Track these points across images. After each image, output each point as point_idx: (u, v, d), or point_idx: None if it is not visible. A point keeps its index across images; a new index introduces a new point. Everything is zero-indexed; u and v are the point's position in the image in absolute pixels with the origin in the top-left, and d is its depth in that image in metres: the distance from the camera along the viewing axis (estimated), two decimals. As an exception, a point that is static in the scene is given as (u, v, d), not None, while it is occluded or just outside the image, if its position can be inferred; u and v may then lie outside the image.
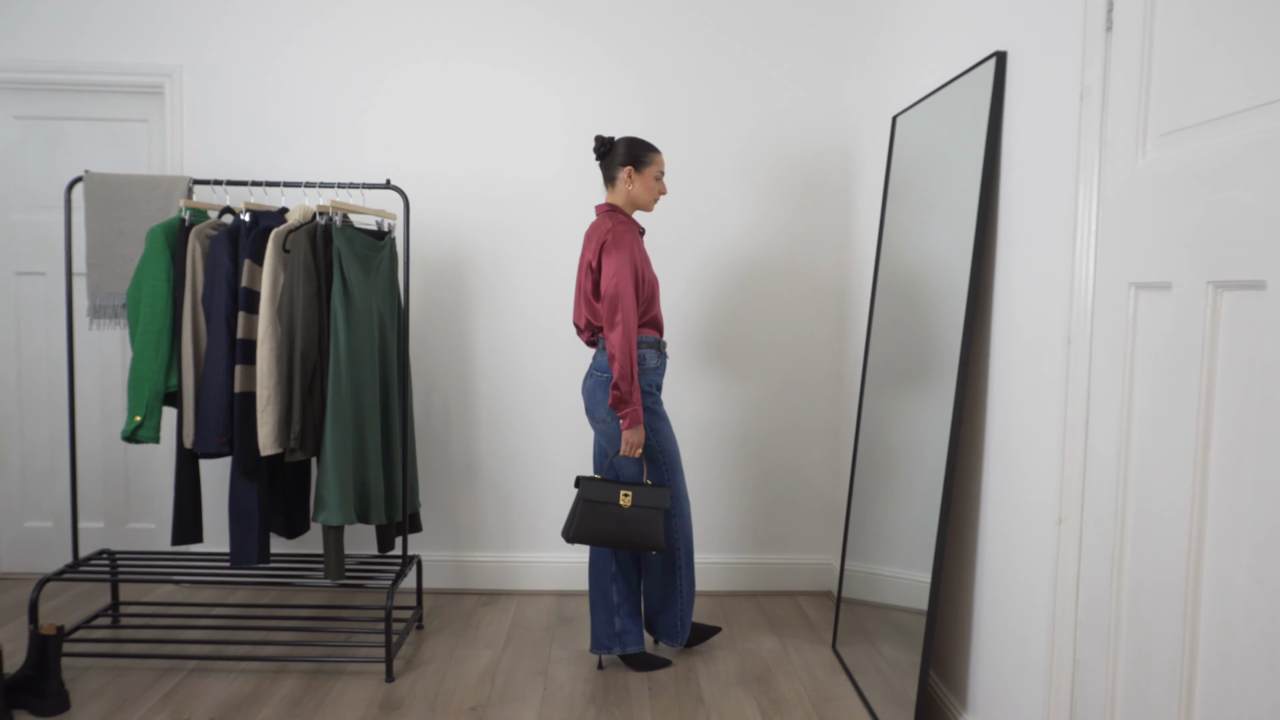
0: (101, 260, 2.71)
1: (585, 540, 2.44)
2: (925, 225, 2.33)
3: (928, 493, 2.10)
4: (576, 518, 2.44)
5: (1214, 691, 1.24)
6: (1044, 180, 1.76)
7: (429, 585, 3.28)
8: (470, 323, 3.27)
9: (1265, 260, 1.14)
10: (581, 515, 2.44)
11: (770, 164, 3.25)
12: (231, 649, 2.70)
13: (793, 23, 3.22)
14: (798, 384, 3.31)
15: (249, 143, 3.22)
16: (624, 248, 2.41)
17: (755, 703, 2.42)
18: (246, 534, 2.54)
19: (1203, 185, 1.28)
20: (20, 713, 2.27)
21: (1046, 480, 1.73)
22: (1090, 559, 1.57)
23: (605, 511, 2.43)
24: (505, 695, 2.46)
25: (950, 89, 2.21)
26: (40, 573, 3.33)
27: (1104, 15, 1.54)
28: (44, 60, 3.19)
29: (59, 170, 3.27)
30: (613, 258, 2.39)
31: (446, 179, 3.23)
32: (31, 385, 3.35)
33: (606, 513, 2.43)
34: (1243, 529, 1.18)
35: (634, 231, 2.47)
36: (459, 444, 3.29)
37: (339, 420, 2.48)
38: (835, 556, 3.26)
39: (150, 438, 2.56)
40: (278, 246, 2.48)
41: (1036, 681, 1.75)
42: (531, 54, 3.21)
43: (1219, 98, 1.26)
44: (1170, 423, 1.33)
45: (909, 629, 2.17)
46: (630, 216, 2.53)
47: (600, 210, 2.56)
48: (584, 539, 2.44)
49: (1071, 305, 1.63)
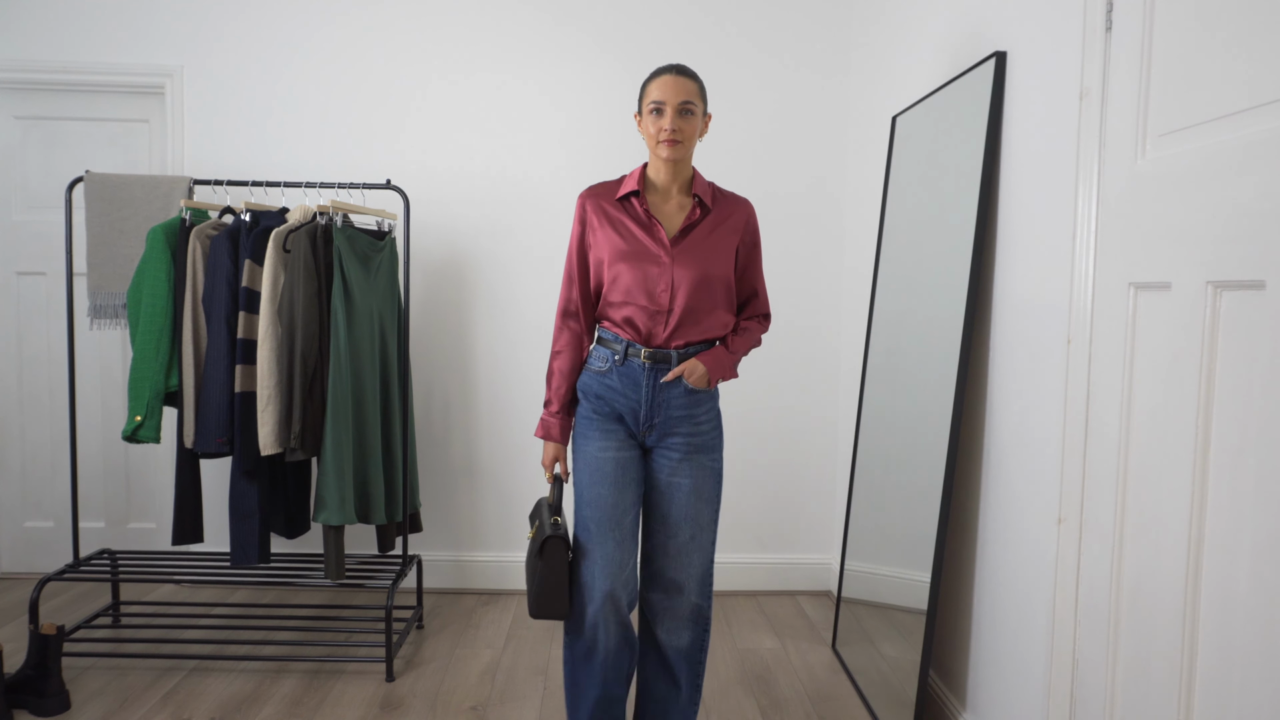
0: (102, 260, 2.72)
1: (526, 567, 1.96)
2: (925, 225, 2.33)
3: (928, 492, 2.10)
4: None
5: (1213, 691, 1.24)
6: (1044, 180, 1.76)
7: (429, 585, 3.28)
8: (470, 323, 3.28)
9: (1265, 260, 1.14)
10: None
11: (770, 163, 3.25)
12: (232, 649, 2.70)
13: (793, 22, 3.22)
14: (797, 383, 3.31)
15: (249, 143, 3.22)
16: (572, 222, 1.98)
17: (755, 702, 2.42)
18: (247, 534, 2.54)
19: (1202, 185, 1.28)
20: (20, 712, 2.27)
21: (1046, 480, 1.73)
22: (1090, 558, 1.57)
23: (530, 546, 1.92)
24: (505, 695, 2.46)
25: (950, 89, 2.21)
26: (41, 572, 3.33)
27: (1104, 15, 1.54)
28: (44, 60, 3.19)
29: (59, 170, 3.28)
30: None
31: (447, 179, 3.23)
32: (32, 385, 3.35)
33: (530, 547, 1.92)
34: (1242, 529, 1.18)
35: (586, 197, 1.92)
36: (459, 444, 3.30)
37: (339, 420, 2.48)
38: (835, 556, 3.26)
39: (151, 438, 2.56)
40: (278, 246, 2.48)
41: (1036, 681, 1.75)
42: (531, 54, 3.21)
43: (1218, 97, 1.26)
44: (1170, 423, 1.33)
45: (909, 629, 2.17)
46: (639, 175, 1.91)
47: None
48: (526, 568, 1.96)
49: (1071, 305, 1.63)
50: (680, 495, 1.88)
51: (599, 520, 1.84)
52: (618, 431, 1.88)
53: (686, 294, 1.84)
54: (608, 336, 1.91)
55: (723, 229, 1.90)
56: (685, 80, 1.84)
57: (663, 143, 1.82)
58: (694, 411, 1.88)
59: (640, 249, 1.85)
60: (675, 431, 1.88)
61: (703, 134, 1.89)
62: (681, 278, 1.83)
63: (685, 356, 1.87)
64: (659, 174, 1.89)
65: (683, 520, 1.89)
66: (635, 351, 1.86)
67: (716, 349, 1.90)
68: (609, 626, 1.87)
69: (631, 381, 1.86)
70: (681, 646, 1.96)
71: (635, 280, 1.83)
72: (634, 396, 1.86)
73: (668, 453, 1.89)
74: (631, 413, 1.88)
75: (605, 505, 1.85)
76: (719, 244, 1.89)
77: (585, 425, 1.91)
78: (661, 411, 1.87)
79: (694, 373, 1.85)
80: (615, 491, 1.85)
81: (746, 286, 1.99)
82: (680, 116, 1.82)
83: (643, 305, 1.84)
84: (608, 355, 1.89)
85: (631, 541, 1.88)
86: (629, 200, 1.89)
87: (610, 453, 1.87)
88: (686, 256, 1.85)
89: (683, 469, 1.88)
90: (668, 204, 1.90)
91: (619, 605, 1.86)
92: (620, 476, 1.86)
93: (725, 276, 1.89)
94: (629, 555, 1.87)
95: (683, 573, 1.91)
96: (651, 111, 1.83)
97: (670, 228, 1.88)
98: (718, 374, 1.89)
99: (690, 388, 1.87)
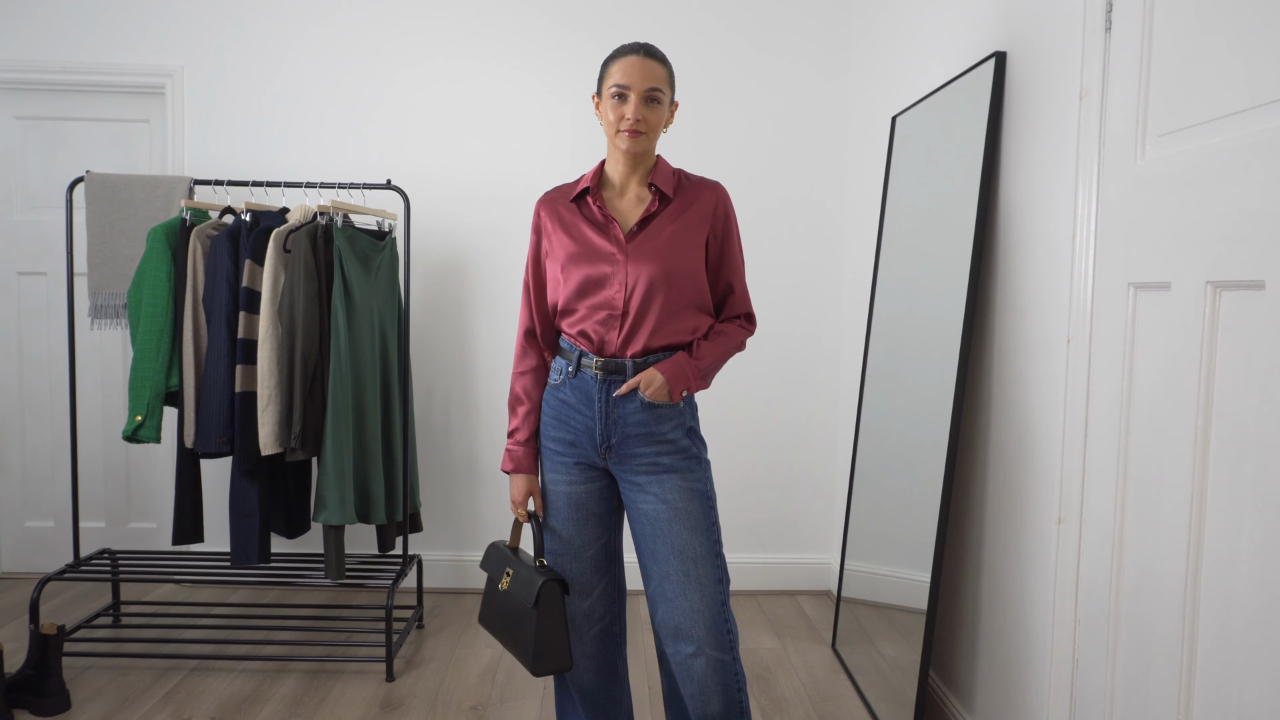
0: (102, 260, 2.72)
1: (485, 626, 1.79)
2: (925, 225, 2.33)
3: (928, 492, 2.10)
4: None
5: (1213, 691, 1.24)
6: (1043, 180, 1.76)
7: (429, 585, 3.28)
8: (470, 323, 3.28)
9: (1264, 260, 1.15)
10: (484, 592, 1.80)
11: (770, 163, 3.25)
12: (232, 648, 2.70)
13: (793, 21, 3.22)
14: (797, 383, 3.31)
15: (249, 143, 3.22)
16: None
17: (755, 702, 2.42)
18: (247, 533, 2.54)
19: (1202, 185, 1.28)
20: (21, 712, 2.27)
21: (1046, 480, 1.73)
22: (1090, 558, 1.57)
23: (491, 591, 1.77)
24: (505, 694, 2.46)
25: (950, 89, 2.21)
26: (41, 572, 3.34)
27: (1103, 15, 1.54)
28: (45, 60, 3.19)
29: (60, 170, 3.28)
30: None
31: (447, 179, 3.23)
32: (33, 385, 3.35)
33: (491, 593, 1.77)
34: (1242, 529, 1.18)
35: (542, 203, 1.74)
36: (459, 444, 3.30)
37: (339, 420, 2.49)
38: (835, 556, 3.26)
39: (151, 437, 2.56)
40: (278, 246, 2.49)
41: (1036, 681, 1.75)
42: (532, 54, 3.22)
43: (1218, 97, 1.26)
44: (1169, 423, 1.33)
45: (909, 629, 2.17)
46: (596, 171, 1.73)
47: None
48: (484, 623, 1.80)
49: (1071, 305, 1.63)
50: (658, 524, 1.64)
51: (561, 552, 1.72)
52: (574, 458, 1.69)
53: (643, 294, 1.62)
54: (564, 346, 1.72)
55: (687, 217, 1.67)
56: (652, 64, 1.62)
57: (623, 133, 1.61)
58: (657, 429, 1.64)
59: (590, 248, 1.65)
60: (635, 452, 1.65)
61: (668, 124, 1.68)
62: (637, 275, 1.62)
63: (643, 366, 1.64)
64: (616, 166, 1.69)
65: (669, 554, 1.63)
66: (588, 362, 1.65)
67: (677, 356, 1.66)
68: (577, 655, 1.74)
69: (584, 395, 1.66)
70: (713, 716, 1.64)
71: (586, 281, 1.64)
72: (587, 413, 1.66)
73: (632, 477, 1.67)
74: (587, 432, 1.67)
75: (563, 539, 1.72)
76: (683, 235, 1.66)
77: (545, 452, 1.74)
78: (618, 430, 1.65)
79: (650, 384, 1.62)
80: (573, 527, 1.71)
81: (721, 283, 1.75)
82: (645, 105, 1.61)
83: (594, 308, 1.64)
84: (561, 366, 1.70)
85: (604, 564, 1.74)
86: (584, 199, 1.70)
87: (562, 486, 1.71)
88: (643, 252, 1.63)
89: (651, 494, 1.64)
90: (624, 198, 1.70)
91: (587, 627, 1.73)
92: (575, 514, 1.71)
93: (692, 272, 1.67)
94: (597, 578, 1.73)
95: (684, 616, 1.62)
96: (613, 96, 1.61)
97: (626, 223, 1.67)
98: (680, 385, 1.64)
99: (648, 401, 1.63)
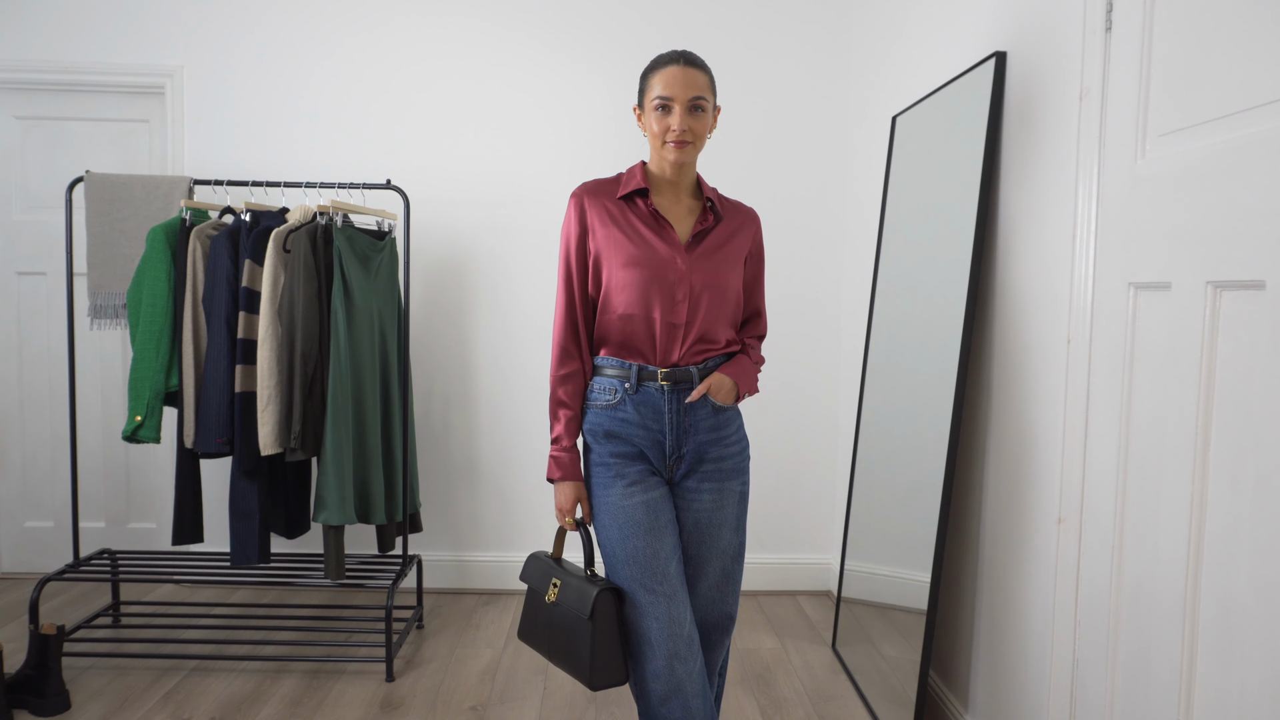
0: (102, 260, 2.72)
1: (528, 641, 1.75)
2: (925, 225, 2.33)
3: (928, 492, 2.10)
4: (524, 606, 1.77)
5: (1213, 691, 1.24)
6: (1043, 180, 1.76)
7: (429, 585, 3.28)
8: (470, 323, 3.28)
9: (1264, 260, 1.14)
10: (525, 604, 1.77)
11: (770, 163, 3.25)
12: (232, 649, 2.70)
13: (793, 22, 3.22)
14: (797, 383, 3.31)
15: (249, 143, 3.22)
16: (563, 226, 1.72)
17: (755, 702, 2.42)
18: (247, 534, 2.54)
19: (1202, 185, 1.28)
20: (20, 712, 2.27)
21: (1046, 480, 1.73)
22: (1090, 559, 1.57)
23: (535, 604, 1.72)
24: (505, 695, 2.46)
25: (950, 89, 2.21)
26: (41, 572, 3.33)
27: (1103, 15, 1.54)
28: (44, 60, 3.19)
29: (59, 170, 3.28)
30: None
31: (447, 179, 3.23)
32: (32, 385, 3.35)
33: (536, 606, 1.72)
34: (1242, 529, 1.18)
35: (584, 194, 1.68)
36: (459, 444, 3.30)
37: (339, 420, 2.48)
38: (835, 556, 3.26)
39: (151, 438, 2.56)
40: (278, 246, 2.48)
41: (1036, 681, 1.75)
42: (531, 54, 3.21)
43: (1218, 97, 1.26)
44: (1170, 422, 1.33)
45: (909, 629, 2.17)
46: (642, 172, 1.68)
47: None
48: (526, 639, 1.75)
49: (1071, 305, 1.63)
50: (722, 532, 1.68)
51: (640, 580, 1.59)
52: (640, 471, 1.64)
53: (706, 305, 1.63)
54: (609, 363, 1.66)
55: (737, 239, 1.71)
56: (695, 73, 1.60)
57: (670, 144, 1.60)
58: (722, 433, 1.68)
59: (652, 254, 1.61)
60: (705, 458, 1.67)
61: (712, 129, 1.66)
62: (700, 287, 1.62)
63: (706, 373, 1.66)
64: (664, 173, 1.67)
65: (713, 555, 1.68)
66: (649, 374, 1.63)
67: (739, 358, 1.70)
68: (679, 705, 1.59)
69: (651, 410, 1.63)
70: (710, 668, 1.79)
71: (648, 289, 1.60)
72: (656, 427, 1.64)
73: (699, 484, 1.67)
74: (655, 446, 1.65)
75: (643, 560, 1.59)
76: (731, 254, 1.69)
77: (601, 472, 1.65)
78: (690, 439, 1.65)
79: (721, 388, 1.65)
80: (652, 541, 1.60)
81: (750, 304, 1.80)
82: (690, 115, 1.59)
83: (655, 318, 1.61)
84: (614, 385, 1.65)
85: (683, 594, 1.62)
86: (633, 200, 1.67)
87: (637, 497, 1.62)
88: (703, 264, 1.64)
89: (716, 500, 1.67)
90: (677, 206, 1.69)
91: (688, 677, 1.59)
92: (653, 523, 1.61)
93: (737, 289, 1.70)
94: (683, 611, 1.61)
95: (720, 616, 1.73)
96: (657, 108, 1.60)
97: (681, 232, 1.66)
98: (745, 387, 1.70)
99: (718, 406, 1.66)
